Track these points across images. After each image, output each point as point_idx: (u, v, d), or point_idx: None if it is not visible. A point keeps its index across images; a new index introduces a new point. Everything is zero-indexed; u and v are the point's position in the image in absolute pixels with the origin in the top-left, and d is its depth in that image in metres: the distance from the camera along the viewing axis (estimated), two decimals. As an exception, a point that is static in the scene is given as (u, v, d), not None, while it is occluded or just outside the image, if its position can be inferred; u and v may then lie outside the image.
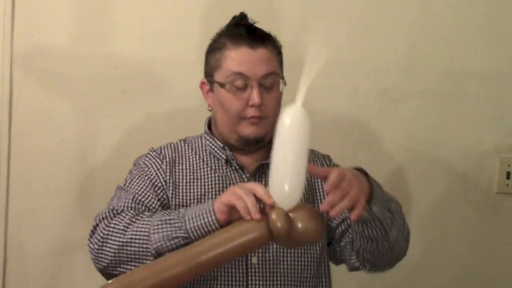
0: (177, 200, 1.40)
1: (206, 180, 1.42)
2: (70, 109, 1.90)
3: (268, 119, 1.39)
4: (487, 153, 1.98)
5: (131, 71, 1.90)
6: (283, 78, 1.44)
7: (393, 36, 1.95)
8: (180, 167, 1.44)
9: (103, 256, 1.30)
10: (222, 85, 1.38)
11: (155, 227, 1.26)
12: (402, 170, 1.98)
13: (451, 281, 2.00)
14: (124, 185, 1.43)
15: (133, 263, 1.27)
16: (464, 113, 1.98)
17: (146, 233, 1.26)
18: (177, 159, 1.45)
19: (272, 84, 1.38)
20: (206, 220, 1.23)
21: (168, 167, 1.43)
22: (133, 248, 1.27)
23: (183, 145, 1.49)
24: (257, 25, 1.45)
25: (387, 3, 1.95)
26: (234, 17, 1.46)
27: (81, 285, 1.92)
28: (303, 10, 1.93)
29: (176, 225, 1.24)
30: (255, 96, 1.35)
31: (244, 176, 1.43)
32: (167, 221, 1.26)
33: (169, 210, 1.33)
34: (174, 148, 1.48)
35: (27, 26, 1.87)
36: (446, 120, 1.98)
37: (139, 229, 1.28)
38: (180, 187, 1.41)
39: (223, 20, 1.48)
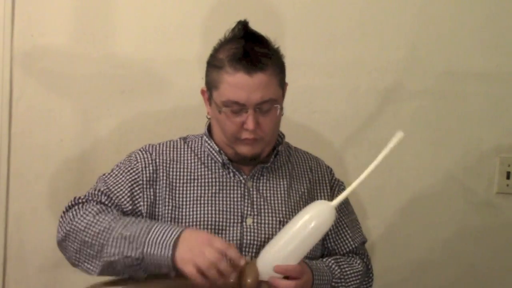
0: (173, 201, 1.40)
1: (203, 181, 1.43)
2: (70, 109, 1.89)
3: (264, 139, 1.40)
4: (487, 153, 1.98)
5: (131, 71, 1.90)
6: (283, 94, 1.44)
7: (393, 36, 1.95)
8: (178, 167, 1.44)
9: (66, 248, 1.35)
10: (218, 108, 1.38)
11: (114, 240, 1.26)
12: (402, 170, 1.97)
13: (451, 281, 2.00)
14: (104, 175, 1.45)
15: (86, 263, 1.33)
16: (464, 113, 1.98)
17: (103, 241, 1.28)
18: (175, 158, 1.46)
19: (268, 108, 1.38)
20: (162, 252, 1.22)
21: (162, 167, 1.43)
22: (89, 251, 1.30)
23: (182, 144, 1.49)
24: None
25: (387, 3, 1.95)
26: (237, 24, 1.41)
27: (81, 285, 1.91)
28: (303, 10, 1.93)
29: (134, 244, 1.24)
30: (249, 122, 1.35)
31: (241, 178, 1.44)
32: (127, 237, 1.25)
33: (135, 219, 1.31)
34: (173, 146, 1.48)
35: (27, 26, 1.87)
36: (446, 120, 1.98)
37: (99, 234, 1.29)
38: (177, 188, 1.41)
39: (223, 20, 1.47)
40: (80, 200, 1.39)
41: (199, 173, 1.44)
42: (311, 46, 1.93)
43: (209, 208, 1.39)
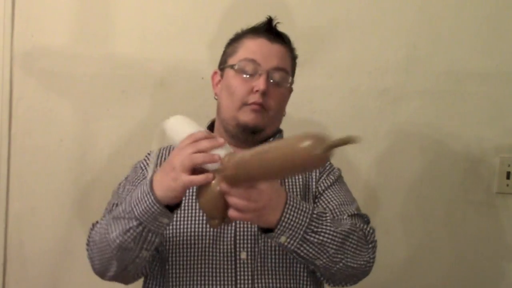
0: None
1: None
2: (70, 109, 1.90)
3: (269, 112, 1.39)
4: (487, 153, 1.98)
5: (131, 71, 1.90)
6: (292, 80, 1.46)
7: (393, 36, 1.95)
8: None
9: (95, 268, 1.32)
10: (232, 66, 1.40)
11: (111, 226, 1.23)
12: (402, 170, 1.97)
13: (451, 281, 2.00)
14: (117, 190, 1.44)
15: (112, 267, 1.27)
16: (464, 113, 1.98)
17: (105, 237, 1.24)
18: None
19: (280, 79, 1.40)
20: (147, 203, 1.18)
21: None
22: (107, 255, 1.26)
23: None
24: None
25: (387, 3, 1.95)
26: None
27: (81, 285, 1.92)
28: (303, 11, 1.93)
29: (127, 216, 1.21)
30: (261, 82, 1.36)
31: None
32: (119, 216, 1.22)
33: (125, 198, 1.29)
34: (173, 148, 1.48)
35: (27, 26, 1.87)
36: (446, 120, 1.97)
37: (103, 234, 1.26)
38: None
39: (223, 21, 1.48)
40: (97, 221, 1.36)
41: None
42: (311, 46, 1.93)
43: None
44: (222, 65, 1.46)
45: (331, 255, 1.23)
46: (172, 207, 1.20)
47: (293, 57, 1.47)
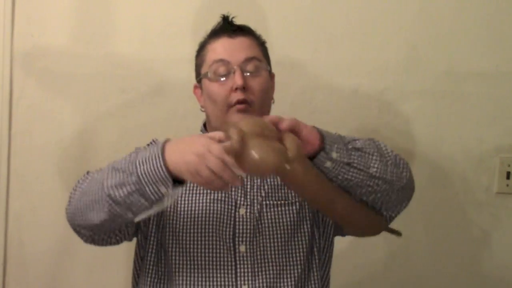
0: None
1: None
2: (70, 109, 1.90)
3: (255, 105, 1.38)
4: (487, 153, 1.98)
5: (131, 71, 1.90)
6: (270, 66, 1.45)
7: (393, 36, 1.95)
8: None
9: (69, 208, 1.32)
10: (205, 75, 1.40)
11: (109, 173, 1.21)
12: (402, 170, 1.97)
13: (451, 281, 2.00)
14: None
15: (90, 212, 1.25)
16: (464, 113, 1.98)
17: (100, 181, 1.22)
18: None
19: (255, 69, 1.39)
20: (154, 165, 1.16)
21: None
22: (89, 197, 1.24)
23: None
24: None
25: (387, 3, 1.95)
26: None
27: (81, 285, 1.92)
28: (303, 10, 1.93)
29: (128, 171, 1.19)
30: (237, 78, 1.35)
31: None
32: (119, 169, 1.20)
33: (126, 155, 1.26)
34: None
35: (27, 26, 1.87)
36: (446, 120, 1.97)
37: (95, 178, 1.25)
38: None
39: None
40: (88, 172, 1.36)
41: None
42: (311, 46, 1.93)
43: (204, 197, 1.39)
44: (197, 77, 1.46)
45: (378, 160, 1.29)
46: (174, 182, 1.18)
47: (260, 43, 1.45)
